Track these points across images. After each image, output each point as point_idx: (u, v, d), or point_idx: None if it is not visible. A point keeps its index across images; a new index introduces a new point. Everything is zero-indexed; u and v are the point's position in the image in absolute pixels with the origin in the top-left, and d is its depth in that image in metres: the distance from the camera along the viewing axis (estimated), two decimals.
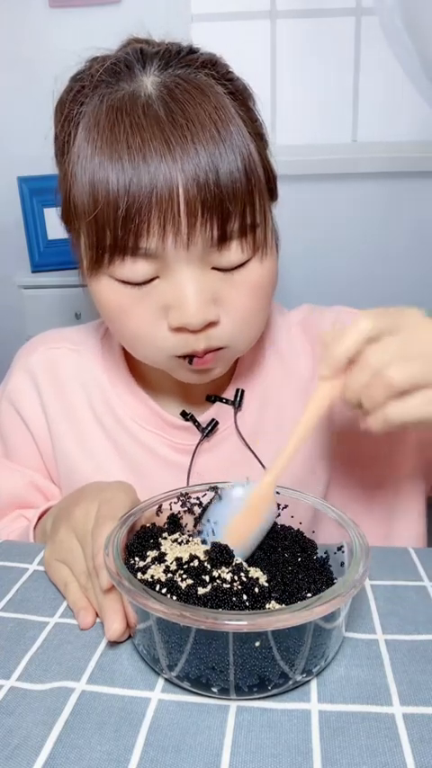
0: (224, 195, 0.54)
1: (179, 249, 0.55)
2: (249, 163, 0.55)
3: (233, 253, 0.56)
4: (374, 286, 1.93)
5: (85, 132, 0.57)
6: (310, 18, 1.85)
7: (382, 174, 1.83)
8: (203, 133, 0.54)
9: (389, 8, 1.60)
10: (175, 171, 0.53)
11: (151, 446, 0.71)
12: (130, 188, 0.53)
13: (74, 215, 0.60)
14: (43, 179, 1.82)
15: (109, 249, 0.55)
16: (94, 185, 0.55)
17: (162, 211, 0.53)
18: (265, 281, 0.60)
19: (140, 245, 0.54)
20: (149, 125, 0.54)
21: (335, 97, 1.88)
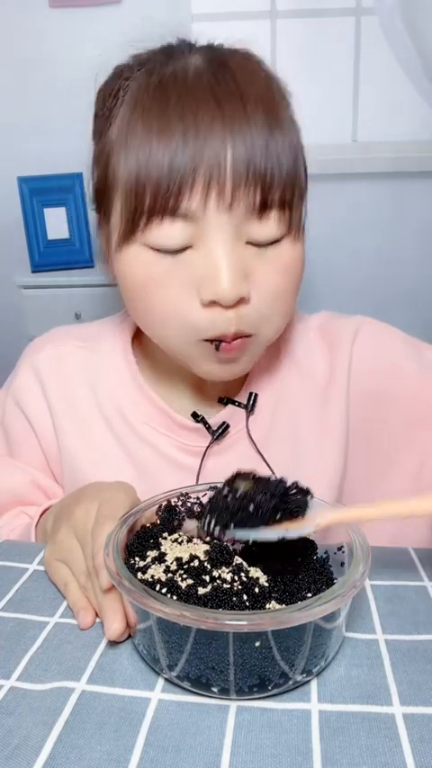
0: (271, 163, 0.55)
1: (221, 212, 0.55)
2: (297, 140, 0.57)
3: (271, 224, 0.57)
4: (374, 286, 1.93)
5: (131, 101, 0.57)
6: (310, 18, 1.85)
7: (383, 174, 1.83)
8: (256, 100, 0.55)
9: (389, 8, 1.60)
10: (226, 134, 0.53)
11: (159, 447, 0.70)
12: (177, 148, 0.53)
13: (112, 185, 0.59)
14: (43, 179, 1.82)
15: (147, 211, 0.55)
16: (139, 147, 0.55)
17: (208, 171, 0.53)
18: (294, 265, 0.60)
19: (181, 204, 0.54)
20: (201, 89, 0.55)
21: (335, 97, 1.88)
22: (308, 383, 0.72)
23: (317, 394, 0.71)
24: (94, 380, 0.73)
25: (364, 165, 1.80)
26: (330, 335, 0.73)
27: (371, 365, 0.71)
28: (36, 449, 0.74)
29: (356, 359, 0.71)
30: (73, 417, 0.72)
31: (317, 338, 0.74)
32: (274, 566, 0.49)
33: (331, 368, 0.72)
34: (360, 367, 0.71)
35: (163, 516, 0.53)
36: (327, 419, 0.71)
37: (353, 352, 0.71)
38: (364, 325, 0.73)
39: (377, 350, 0.72)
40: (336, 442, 0.71)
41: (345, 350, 0.72)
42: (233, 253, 0.56)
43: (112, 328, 0.76)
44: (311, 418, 0.71)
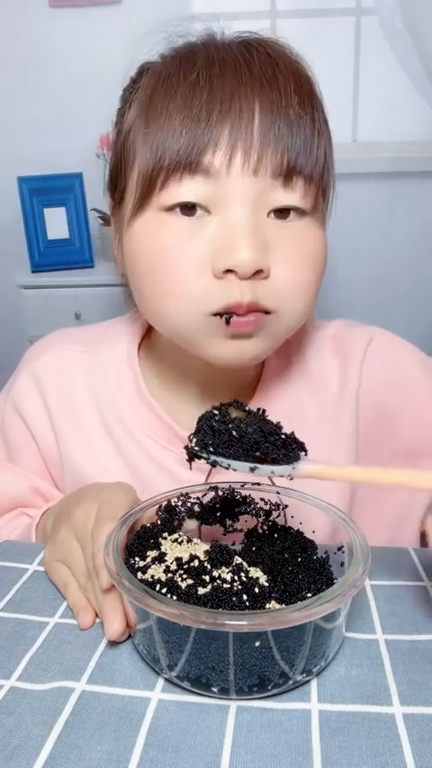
0: (301, 128, 0.53)
1: (245, 173, 0.52)
2: (326, 123, 0.56)
3: (297, 193, 0.54)
4: (374, 286, 1.93)
5: (154, 74, 0.56)
6: (310, 18, 1.85)
7: (383, 174, 1.83)
8: (286, 69, 0.54)
9: (389, 8, 1.60)
10: (255, 92, 0.52)
11: (161, 461, 0.67)
12: (202, 104, 0.52)
13: (128, 158, 0.57)
14: (43, 179, 1.82)
15: (167, 168, 0.53)
16: (162, 105, 0.53)
17: (235, 129, 0.51)
18: (318, 250, 0.58)
19: (204, 158, 0.52)
20: (230, 54, 0.54)
21: (335, 97, 1.88)
22: (319, 395, 0.70)
23: (329, 406, 0.69)
24: (95, 388, 0.70)
25: (364, 165, 1.81)
26: (344, 346, 0.71)
27: (381, 377, 0.70)
28: (35, 455, 0.72)
29: (367, 370, 0.70)
30: (74, 425, 0.70)
31: (331, 348, 0.71)
32: (275, 566, 0.50)
33: (343, 379, 0.70)
34: (370, 379, 0.70)
35: (163, 516, 0.53)
36: (338, 432, 0.69)
37: (364, 364, 0.70)
38: (378, 337, 0.71)
39: (388, 363, 0.71)
40: (346, 455, 0.69)
41: (356, 361, 0.70)
42: (254, 220, 0.53)
43: (116, 333, 0.73)
44: (323, 431, 0.68)
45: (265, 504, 0.55)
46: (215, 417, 0.47)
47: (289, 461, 0.45)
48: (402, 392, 0.71)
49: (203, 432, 0.46)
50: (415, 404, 0.71)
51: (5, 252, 1.97)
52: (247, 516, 0.55)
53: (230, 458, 0.45)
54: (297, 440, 0.47)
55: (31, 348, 0.76)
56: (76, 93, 1.77)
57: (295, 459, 0.46)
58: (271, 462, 0.45)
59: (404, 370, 0.71)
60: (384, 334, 0.73)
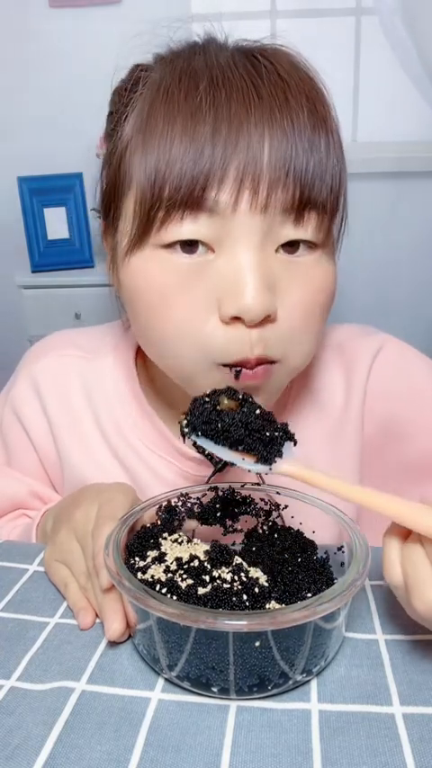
0: (315, 160, 0.48)
1: (253, 212, 0.48)
2: (341, 145, 0.52)
3: (309, 227, 0.50)
4: (375, 286, 1.93)
5: (151, 90, 0.51)
6: (310, 18, 1.85)
7: (383, 174, 1.83)
8: (298, 90, 0.49)
9: (389, 8, 1.60)
10: (264, 122, 0.47)
11: (160, 472, 0.67)
12: (206, 136, 0.47)
13: (123, 185, 0.53)
14: (43, 179, 1.82)
15: (167, 205, 0.48)
16: (162, 135, 0.48)
17: (242, 164, 0.47)
18: (328, 283, 0.54)
19: (208, 196, 0.47)
20: (236, 75, 0.48)
21: (335, 97, 1.88)
22: (322, 411, 0.67)
23: (332, 420, 0.67)
24: (93, 394, 0.69)
25: (365, 165, 1.81)
26: (350, 357, 0.68)
27: (389, 388, 0.67)
28: (34, 458, 0.72)
29: (374, 379, 0.67)
30: (73, 429, 0.69)
31: (334, 359, 0.68)
32: (275, 566, 0.50)
33: (348, 391, 0.67)
34: (377, 389, 0.67)
35: (163, 516, 0.53)
36: (341, 446, 0.68)
37: (371, 372, 0.67)
38: (387, 346, 0.68)
39: (397, 373, 0.68)
40: (350, 470, 0.68)
41: (363, 369, 0.67)
42: (261, 260, 0.49)
43: (115, 338, 0.71)
44: (324, 448, 0.67)
45: (265, 504, 0.55)
46: (206, 404, 0.47)
47: (269, 459, 0.45)
48: (413, 404, 0.68)
49: (194, 415, 0.47)
50: (424, 417, 0.68)
51: (5, 252, 1.97)
52: (247, 516, 0.55)
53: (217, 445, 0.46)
54: (287, 430, 0.47)
55: (29, 351, 0.75)
56: (76, 93, 1.77)
57: (274, 459, 0.45)
58: (253, 456, 0.46)
59: (415, 381, 0.68)
60: (394, 343, 0.69)
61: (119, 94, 0.57)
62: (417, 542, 0.41)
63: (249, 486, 0.55)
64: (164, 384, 0.67)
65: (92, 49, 1.77)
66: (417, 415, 0.68)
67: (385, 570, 0.42)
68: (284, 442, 0.46)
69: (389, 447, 0.69)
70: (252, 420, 0.45)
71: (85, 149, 1.73)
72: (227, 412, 0.46)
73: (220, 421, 0.46)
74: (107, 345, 0.71)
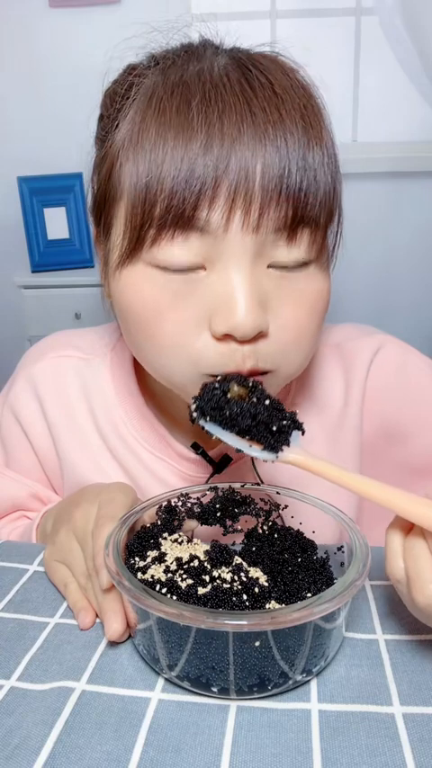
0: (308, 178, 0.48)
1: (245, 232, 0.47)
2: (334, 155, 0.51)
3: (303, 245, 0.50)
4: (375, 286, 1.93)
5: (144, 99, 0.50)
6: (310, 18, 1.85)
7: (383, 174, 1.83)
8: (292, 105, 0.48)
9: (389, 8, 1.61)
10: (257, 140, 0.46)
11: (158, 473, 0.67)
12: (198, 153, 0.46)
13: (115, 194, 0.52)
14: (43, 179, 1.82)
15: (158, 223, 0.47)
16: (153, 149, 0.47)
17: (233, 183, 0.46)
18: (321, 297, 0.53)
19: (199, 215, 0.47)
20: (229, 89, 0.47)
21: (335, 97, 1.88)
22: (321, 410, 0.67)
23: (331, 420, 0.67)
24: (91, 396, 0.69)
25: (364, 165, 1.81)
26: (348, 357, 0.68)
27: (388, 388, 0.68)
28: (33, 459, 0.72)
29: (373, 378, 0.67)
30: (71, 430, 0.69)
31: (333, 359, 0.68)
32: (275, 566, 0.50)
33: (347, 392, 0.67)
34: (376, 389, 0.67)
35: (163, 516, 0.53)
36: (340, 447, 0.67)
37: (370, 372, 0.67)
38: (386, 346, 0.68)
39: (396, 373, 0.68)
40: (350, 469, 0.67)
41: (362, 369, 0.67)
42: (252, 277, 0.48)
43: (113, 339, 0.71)
44: (324, 447, 0.67)
45: (265, 504, 0.55)
46: (216, 390, 0.47)
47: (275, 449, 0.46)
48: (412, 403, 0.68)
49: (203, 401, 0.47)
50: (424, 417, 0.68)
51: (5, 252, 1.97)
52: (247, 516, 0.55)
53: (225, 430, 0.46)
54: (295, 419, 0.47)
55: (27, 352, 0.75)
56: (76, 92, 1.77)
57: (281, 448, 0.46)
58: (260, 444, 0.46)
59: (414, 380, 0.68)
60: (393, 343, 0.69)
61: (111, 98, 0.56)
62: (419, 536, 0.41)
63: (249, 486, 0.55)
64: (161, 386, 0.66)
65: (91, 49, 1.77)
66: (416, 415, 0.68)
67: (387, 564, 0.42)
68: (292, 432, 0.46)
69: (388, 446, 0.69)
70: (261, 410, 0.46)
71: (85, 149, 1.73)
72: (236, 400, 0.46)
73: (228, 408, 0.46)
74: (105, 346, 0.72)
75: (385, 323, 0.76)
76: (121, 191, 0.51)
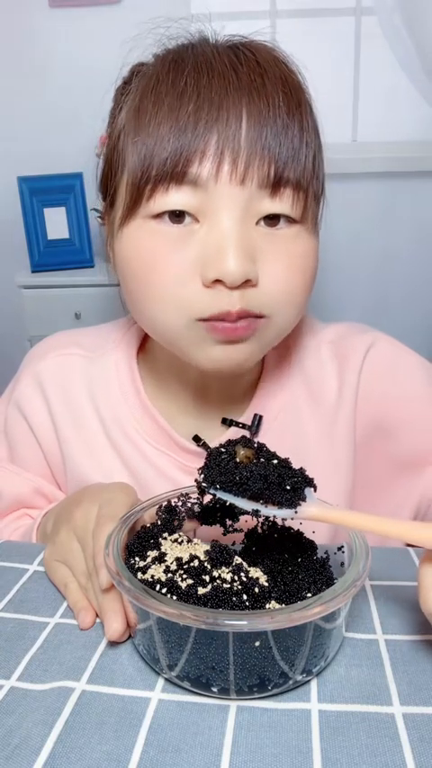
0: (288, 139, 0.53)
1: (233, 183, 0.52)
2: (314, 130, 0.55)
3: (284, 202, 0.54)
4: (373, 286, 1.93)
5: (144, 79, 0.56)
6: (310, 18, 1.85)
7: (382, 173, 1.83)
8: (275, 77, 0.53)
9: (389, 8, 1.61)
10: (242, 100, 0.52)
11: (160, 466, 0.68)
12: (190, 112, 0.51)
13: (119, 163, 0.57)
14: (43, 179, 1.82)
15: (154, 178, 0.53)
16: (150, 114, 0.53)
17: (221, 139, 0.51)
18: (308, 256, 0.57)
19: (191, 169, 0.52)
20: (219, 58, 0.53)
21: (335, 97, 1.88)
22: (317, 403, 0.69)
23: (326, 414, 0.69)
24: (95, 393, 0.70)
25: (364, 165, 1.81)
26: (343, 352, 0.70)
27: (380, 384, 0.69)
28: (38, 456, 0.73)
29: (365, 377, 0.69)
30: (76, 428, 0.70)
31: (329, 354, 0.70)
32: (275, 566, 0.50)
33: (341, 386, 0.69)
34: (369, 385, 0.69)
35: (163, 516, 0.53)
36: (335, 440, 0.69)
37: (363, 367, 0.69)
38: (378, 343, 0.70)
39: (387, 369, 0.70)
40: (343, 465, 0.69)
41: (355, 367, 0.69)
42: (242, 230, 0.53)
43: (116, 338, 0.73)
44: (320, 440, 0.68)
45: None
46: (222, 455, 0.47)
47: (292, 504, 0.45)
48: (402, 399, 0.70)
49: (211, 468, 0.47)
50: (415, 413, 0.69)
51: (5, 252, 1.97)
52: (247, 516, 0.55)
53: (236, 496, 0.46)
54: (305, 476, 0.47)
55: (31, 350, 0.76)
56: (76, 93, 1.77)
57: (298, 502, 0.45)
58: (275, 504, 0.45)
59: (404, 377, 0.70)
60: (386, 340, 0.71)
61: (119, 92, 0.60)
62: None
63: None
64: (165, 381, 0.69)
65: (92, 49, 1.77)
66: (406, 411, 0.70)
67: (422, 599, 0.41)
68: (305, 488, 0.46)
69: (379, 441, 0.70)
70: (270, 470, 0.46)
71: (85, 149, 1.73)
72: (245, 464, 0.46)
73: (238, 473, 0.46)
74: (108, 344, 0.73)
75: (383, 321, 0.76)
76: (125, 161, 0.56)
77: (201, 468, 0.48)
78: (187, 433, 0.68)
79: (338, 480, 0.69)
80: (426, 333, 1.86)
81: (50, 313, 1.79)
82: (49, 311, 1.79)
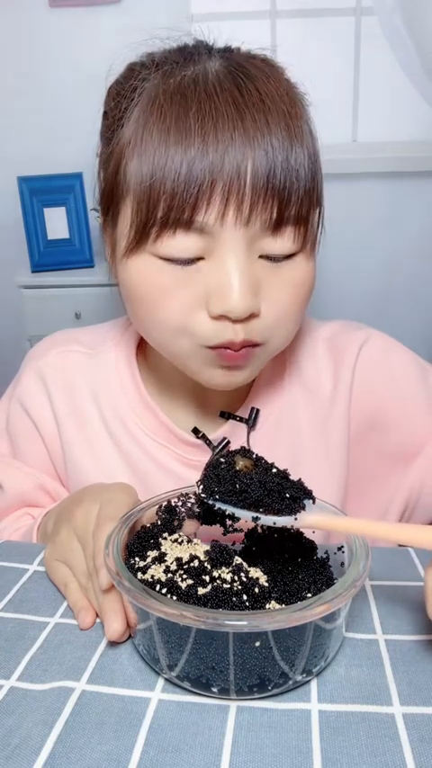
0: (290, 178, 0.53)
1: (237, 227, 0.53)
2: (314, 154, 0.56)
3: (286, 240, 0.55)
4: (374, 285, 1.93)
5: (146, 103, 0.55)
6: (310, 18, 1.85)
7: (383, 173, 1.83)
8: (278, 112, 0.53)
9: (389, 8, 1.60)
10: (247, 145, 0.52)
11: (160, 459, 0.69)
12: (195, 157, 0.52)
13: (122, 190, 0.57)
14: (43, 179, 1.82)
15: (160, 222, 0.53)
16: (155, 153, 0.53)
17: (227, 185, 0.52)
18: (307, 281, 0.59)
19: (197, 218, 0.53)
20: (222, 97, 0.53)
21: (335, 97, 1.88)
22: (312, 398, 0.70)
23: (321, 409, 0.70)
24: (97, 389, 0.71)
25: (364, 165, 1.81)
26: (337, 349, 0.72)
27: (373, 381, 0.70)
28: (41, 451, 0.73)
29: (359, 373, 0.70)
30: (76, 425, 0.71)
31: (324, 351, 0.72)
32: (275, 566, 0.50)
33: (336, 382, 0.70)
34: (363, 382, 0.70)
35: (163, 516, 0.53)
36: (329, 435, 0.70)
37: (356, 367, 0.70)
38: (372, 339, 0.72)
39: (381, 366, 0.71)
40: (337, 459, 0.70)
41: (349, 364, 0.70)
42: (246, 267, 0.54)
43: (116, 336, 0.74)
44: (314, 434, 0.70)
45: None
46: (221, 466, 0.48)
47: (292, 512, 0.46)
48: (395, 396, 0.71)
49: (209, 478, 0.48)
50: (407, 409, 0.71)
51: (5, 252, 1.97)
52: None
53: (235, 506, 0.47)
54: (303, 487, 0.48)
55: (32, 349, 0.77)
56: (76, 92, 1.77)
57: (298, 511, 0.46)
58: (274, 513, 0.46)
59: (396, 373, 0.71)
60: (379, 337, 0.73)
61: (114, 98, 0.60)
62: None
63: None
64: (164, 377, 0.70)
65: (92, 49, 1.77)
66: (398, 405, 0.71)
67: (428, 603, 0.42)
68: (304, 499, 0.47)
69: (372, 436, 0.71)
70: (269, 479, 0.46)
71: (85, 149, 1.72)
72: (244, 473, 0.47)
73: (238, 482, 0.46)
74: (109, 342, 0.74)
75: (386, 322, 0.77)
76: (128, 187, 0.56)
77: (199, 480, 0.48)
78: (186, 427, 0.69)
79: (332, 474, 0.70)
80: (429, 333, 1.86)
81: (50, 313, 1.79)
82: (49, 311, 1.79)
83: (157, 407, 0.69)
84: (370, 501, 0.72)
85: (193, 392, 0.69)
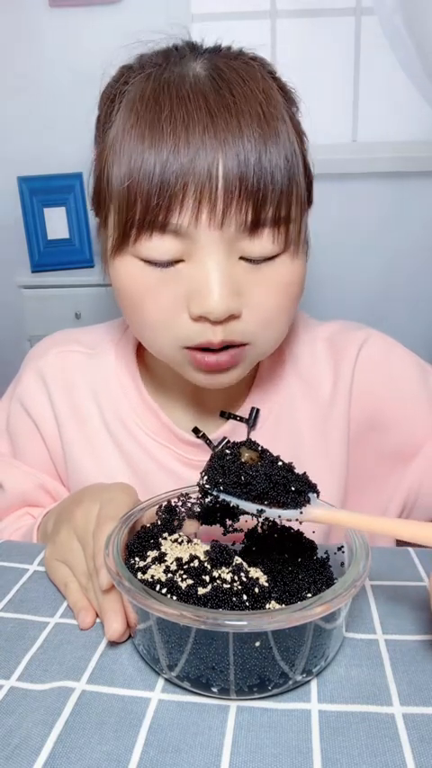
0: (264, 180, 0.53)
1: (212, 229, 0.53)
2: (292, 154, 0.55)
3: (264, 242, 0.55)
4: (374, 285, 1.93)
5: (127, 108, 0.56)
6: (310, 18, 1.85)
7: (383, 174, 1.83)
8: (250, 115, 0.53)
9: (389, 8, 1.60)
10: (218, 147, 0.52)
11: (160, 459, 0.69)
12: (168, 160, 0.52)
13: (107, 192, 0.58)
14: (43, 179, 1.82)
15: (138, 224, 0.54)
16: (131, 157, 0.53)
17: (199, 187, 0.52)
18: (293, 283, 0.58)
19: (171, 220, 0.53)
20: (195, 99, 0.53)
21: (335, 97, 1.88)
22: (312, 397, 0.70)
23: (321, 408, 0.70)
24: (97, 388, 0.72)
25: (364, 165, 1.81)
26: (337, 349, 0.72)
27: (373, 381, 0.70)
28: (42, 451, 0.74)
29: (359, 373, 0.70)
30: (77, 423, 0.71)
31: (324, 350, 0.72)
32: (275, 566, 0.50)
33: (335, 382, 0.70)
34: (362, 382, 0.70)
35: (163, 516, 0.53)
36: (329, 434, 0.70)
37: (356, 367, 0.70)
38: (371, 339, 0.72)
39: (380, 366, 0.71)
40: (337, 459, 0.70)
41: (349, 364, 0.70)
42: (225, 268, 0.54)
43: (116, 336, 0.75)
44: (314, 433, 0.70)
45: None
46: (226, 457, 0.47)
47: (297, 506, 0.46)
48: (394, 396, 0.71)
49: (214, 470, 0.47)
50: (406, 408, 0.71)
51: (5, 252, 1.97)
52: (247, 516, 0.55)
53: (239, 498, 0.46)
54: (308, 481, 0.47)
55: (32, 349, 0.77)
56: (76, 92, 1.77)
57: (303, 504, 0.46)
58: (279, 506, 0.46)
59: (396, 373, 0.71)
60: (379, 337, 0.73)
61: (104, 100, 0.61)
62: None
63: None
64: (162, 376, 0.71)
65: (91, 49, 1.77)
66: (397, 405, 0.71)
67: None
68: (309, 493, 0.47)
69: (371, 436, 0.71)
70: (275, 472, 0.46)
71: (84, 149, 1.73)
72: (249, 465, 0.47)
73: (243, 473, 0.46)
74: (108, 342, 0.74)
75: (386, 323, 0.77)
76: (111, 189, 0.57)
77: (203, 471, 0.48)
78: (186, 426, 0.69)
79: (332, 473, 0.70)
80: (429, 334, 1.86)
81: (50, 313, 1.79)
82: (49, 311, 1.79)
83: (157, 407, 0.69)
84: (369, 501, 0.72)
85: (191, 392, 0.69)
